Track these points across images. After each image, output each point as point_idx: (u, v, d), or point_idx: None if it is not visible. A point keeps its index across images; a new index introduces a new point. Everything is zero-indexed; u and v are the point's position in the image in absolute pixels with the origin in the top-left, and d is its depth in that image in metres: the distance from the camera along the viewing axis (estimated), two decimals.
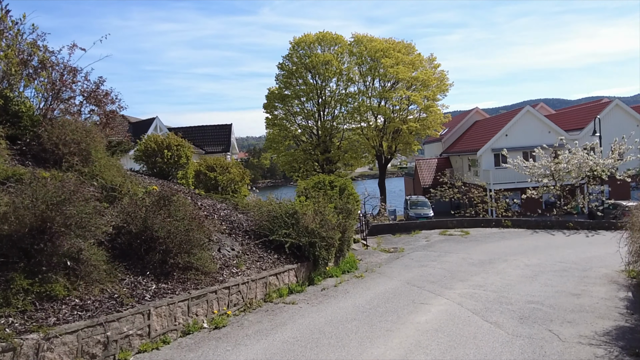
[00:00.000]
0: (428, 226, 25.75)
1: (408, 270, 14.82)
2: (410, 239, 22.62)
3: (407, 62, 45.61)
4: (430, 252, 18.34)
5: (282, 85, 47.30)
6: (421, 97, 44.62)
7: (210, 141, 45.79)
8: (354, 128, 49.14)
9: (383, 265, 15.91)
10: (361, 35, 47.19)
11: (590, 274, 14.02)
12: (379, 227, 25.92)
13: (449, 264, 15.70)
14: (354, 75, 47.12)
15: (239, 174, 16.43)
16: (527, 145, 41.35)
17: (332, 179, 17.29)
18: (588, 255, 17.31)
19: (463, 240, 21.30)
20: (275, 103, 46.93)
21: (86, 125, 12.72)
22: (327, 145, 46.98)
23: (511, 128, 44.15)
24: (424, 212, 41.46)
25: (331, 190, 16.61)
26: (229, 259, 10.84)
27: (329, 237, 13.03)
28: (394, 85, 46.46)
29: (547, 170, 28.37)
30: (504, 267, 15.18)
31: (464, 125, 56.76)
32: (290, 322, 9.33)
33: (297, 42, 46.51)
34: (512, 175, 42.74)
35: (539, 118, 44.43)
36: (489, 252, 18.02)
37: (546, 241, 20.95)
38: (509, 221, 25.49)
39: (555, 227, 24.92)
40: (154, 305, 7.97)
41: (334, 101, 47.24)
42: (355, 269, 14.89)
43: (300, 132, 48.23)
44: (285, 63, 47.08)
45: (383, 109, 46.13)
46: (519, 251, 18.21)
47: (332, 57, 45.18)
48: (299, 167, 48.85)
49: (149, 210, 9.05)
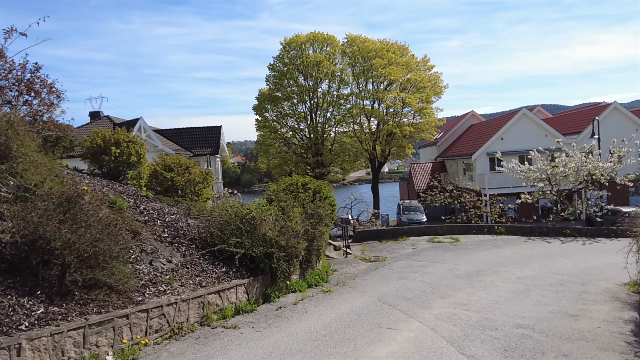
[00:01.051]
0: (417, 232, 23.86)
1: (384, 284, 12.93)
2: (396, 247, 20.74)
3: (400, 63, 43.78)
4: (414, 262, 16.44)
5: (272, 87, 45.43)
6: (415, 100, 42.76)
7: (199, 143, 43.99)
8: (346, 131, 47.22)
9: (358, 277, 14.02)
10: (354, 35, 45.36)
11: (590, 289, 12.14)
12: (365, 234, 24.05)
13: (432, 276, 13.80)
14: (347, 76, 45.27)
15: (199, 174, 14.53)
16: (524, 149, 39.32)
17: (307, 181, 15.42)
18: (587, 266, 15.44)
19: (452, 248, 19.41)
20: (266, 105, 45.01)
21: (9, 117, 10.86)
22: (319, 148, 45.07)
23: (507, 131, 42.25)
24: (417, 217, 39.54)
25: (304, 193, 14.74)
26: (160, 274, 8.96)
27: (291, 247, 11.13)
28: (387, 87, 44.63)
29: (543, 174, 26.48)
30: (492, 280, 13.28)
31: (460, 129, 54.85)
32: (218, 355, 7.42)
33: (287, 42, 44.67)
34: (507, 179, 40.78)
35: (536, 121, 42.53)
36: (478, 262, 16.13)
37: (541, 249, 19.05)
38: (503, 228, 23.61)
39: (552, 234, 23.03)
40: (29, 337, 6.08)
41: (326, 103, 45.34)
42: (324, 282, 12.99)
43: (291, 135, 46.23)
44: (276, 64, 45.22)
45: (377, 112, 44.28)
46: (511, 261, 16.32)
47: (324, 58, 43.33)
48: (290, 171, 46.97)
49: (43, 215, 7.17)
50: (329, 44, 44.87)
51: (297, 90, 44.25)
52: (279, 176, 50.65)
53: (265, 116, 45.55)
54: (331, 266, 15.60)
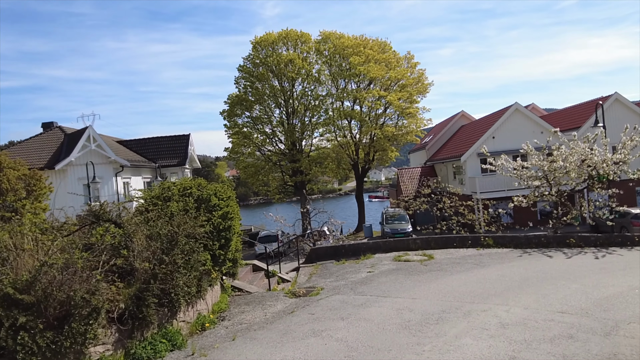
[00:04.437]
0: (385, 248, 18.43)
1: (278, 349, 7.56)
2: (350, 269, 15.32)
3: (380, 60, 38.50)
4: (355, 297, 11.03)
5: (242, 90, 40.19)
6: (396, 98, 37.38)
7: (164, 154, 38.86)
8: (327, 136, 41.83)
9: (250, 332, 8.63)
10: (329, 32, 40.11)
11: (620, 343, 6.84)
12: (321, 252, 18.64)
13: (365, 327, 8.41)
14: (324, 77, 39.99)
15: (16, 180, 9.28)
16: (517, 148, 33.81)
17: (190, 185, 10.16)
18: (604, 294, 10.15)
19: (419, 270, 13.96)
20: (236, 109, 39.66)
21: None
22: (295, 154, 39.66)
23: (499, 129, 36.76)
24: (401, 227, 34.04)
25: (177, 203, 9.43)
26: None
27: (69, 301, 5.81)
28: (367, 86, 39.36)
29: (539, 172, 21.08)
30: (459, 332, 7.90)
31: (449, 130, 49.30)
32: None
33: (258, 41, 39.42)
34: (501, 182, 35.25)
35: (530, 117, 37.03)
36: (447, 294, 10.73)
37: (540, 268, 13.59)
38: (491, 238, 18.15)
39: (553, 245, 17.60)
40: None
41: (303, 106, 40.02)
42: (170, 349, 7.56)
43: (264, 140, 40.76)
44: (246, 65, 39.98)
45: (357, 113, 38.97)
46: (495, 290, 10.93)
47: (296, 56, 38.08)
48: (267, 180, 41.68)
49: None
50: (303, 41, 39.63)
51: (270, 92, 39.00)
52: (254, 186, 45.38)
53: (236, 121, 40.20)
54: (230, 307, 10.27)
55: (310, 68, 39.35)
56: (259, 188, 43.31)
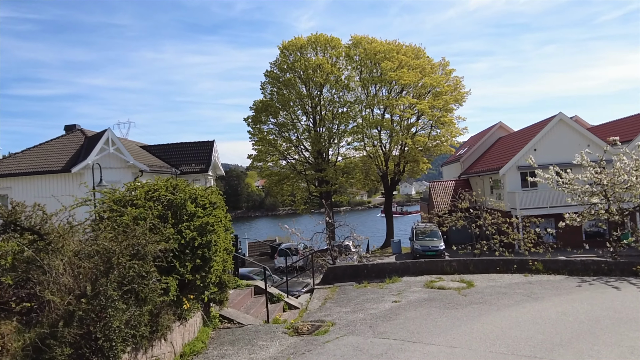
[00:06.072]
0: (415, 270, 15.58)
1: None
2: (372, 295, 12.58)
3: (413, 66, 35.70)
4: (373, 341, 8.30)
5: (269, 96, 37.95)
6: (428, 106, 34.41)
7: (188, 160, 36.98)
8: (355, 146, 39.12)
9: None
10: (360, 36, 37.57)
11: None
12: (340, 271, 15.91)
13: None
14: (354, 83, 37.34)
15: None
16: (561, 161, 30.37)
17: (160, 186, 7.66)
18: None
19: (457, 303, 11.11)
20: (261, 116, 37.41)
21: None
22: (320, 163, 37.05)
23: (541, 141, 33.35)
24: (433, 244, 30.98)
25: (144, 209, 6.99)
26: None
27: None
28: (399, 93, 36.56)
29: (596, 187, 17.88)
30: None
31: (486, 142, 45.78)
32: None
33: (285, 46, 37.22)
34: (543, 198, 31.85)
35: (576, 129, 33.49)
36: (497, 342, 7.92)
37: (609, 304, 10.57)
38: (540, 263, 15.09)
39: (615, 273, 14.45)
40: None
41: (331, 114, 37.46)
42: None
43: (287, 147, 38.29)
44: (273, 70, 37.80)
45: (387, 122, 36.17)
46: (561, 338, 8.06)
47: (325, 61, 35.65)
48: (291, 190, 39.18)
49: None
50: (332, 46, 37.20)
51: (297, 98, 36.62)
52: (278, 196, 42.95)
53: (261, 128, 37.93)
54: (209, 348, 7.72)
55: (340, 74, 36.88)
56: (283, 198, 40.84)
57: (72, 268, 5.31)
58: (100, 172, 23.53)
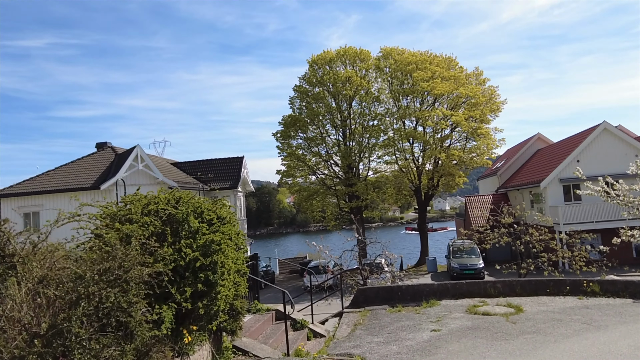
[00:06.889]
0: (454, 292, 14.07)
1: None
2: (408, 322, 11.18)
3: (446, 77, 34.25)
4: None
5: (297, 111, 37.08)
6: (463, 118, 32.83)
7: (217, 176, 36.49)
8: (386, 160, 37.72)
9: None
10: (390, 47, 36.39)
11: None
12: (371, 293, 14.52)
13: None
14: (384, 95, 36.12)
15: None
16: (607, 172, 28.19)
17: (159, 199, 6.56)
18: None
19: (506, 332, 9.60)
20: (290, 131, 36.53)
21: None
22: (350, 177, 35.77)
23: (584, 152, 31.24)
24: (471, 262, 29.17)
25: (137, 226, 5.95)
26: None
27: None
28: (432, 105, 35.10)
29: None
30: None
31: (524, 154, 43.60)
32: None
33: (315, 59, 36.38)
34: (587, 212, 29.66)
35: (622, 138, 31.23)
36: None
37: None
38: (596, 284, 13.37)
39: None
40: None
41: (360, 126, 36.27)
42: None
43: (317, 162, 37.20)
44: (302, 84, 36.98)
45: (419, 134, 34.70)
46: None
47: (354, 74, 34.60)
48: (321, 206, 37.96)
49: None
50: (362, 59, 36.14)
51: (326, 112, 35.61)
52: (308, 212, 41.73)
53: (290, 143, 37.04)
54: None
55: (370, 86, 35.76)
56: (313, 214, 39.63)
57: (33, 298, 4.26)
58: (124, 189, 22.97)
